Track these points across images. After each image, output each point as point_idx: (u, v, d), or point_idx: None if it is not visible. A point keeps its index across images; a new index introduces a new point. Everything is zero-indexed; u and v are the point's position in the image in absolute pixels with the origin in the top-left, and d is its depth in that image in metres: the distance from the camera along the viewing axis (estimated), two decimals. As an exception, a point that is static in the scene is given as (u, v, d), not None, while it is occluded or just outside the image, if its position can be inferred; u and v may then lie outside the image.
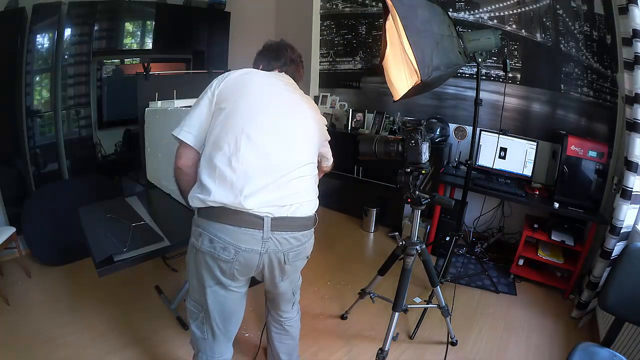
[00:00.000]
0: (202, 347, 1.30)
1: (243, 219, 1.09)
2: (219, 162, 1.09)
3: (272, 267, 1.20)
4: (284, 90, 1.26)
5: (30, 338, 1.89)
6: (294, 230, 1.18)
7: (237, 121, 1.12)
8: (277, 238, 1.14)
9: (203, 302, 1.22)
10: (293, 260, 1.22)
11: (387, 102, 3.42)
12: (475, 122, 2.15)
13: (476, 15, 2.87)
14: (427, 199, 1.58)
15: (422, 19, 1.54)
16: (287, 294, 1.41)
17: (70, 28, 2.71)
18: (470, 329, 2.08)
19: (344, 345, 1.94)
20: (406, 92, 1.59)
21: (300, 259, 1.26)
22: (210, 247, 1.11)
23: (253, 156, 1.11)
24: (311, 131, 1.27)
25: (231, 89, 1.18)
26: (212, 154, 1.11)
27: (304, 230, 1.22)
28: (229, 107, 1.14)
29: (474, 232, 3.07)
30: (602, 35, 2.40)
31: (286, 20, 4.01)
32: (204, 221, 1.13)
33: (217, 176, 1.09)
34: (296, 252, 1.21)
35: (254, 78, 1.24)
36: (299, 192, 1.17)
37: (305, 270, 1.40)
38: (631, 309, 1.30)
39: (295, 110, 1.24)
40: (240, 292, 1.25)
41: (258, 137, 1.12)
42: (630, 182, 1.87)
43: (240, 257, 1.12)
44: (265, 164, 1.12)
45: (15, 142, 2.61)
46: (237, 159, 1.09)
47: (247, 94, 1.18)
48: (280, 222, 1.13)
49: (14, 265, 2.49)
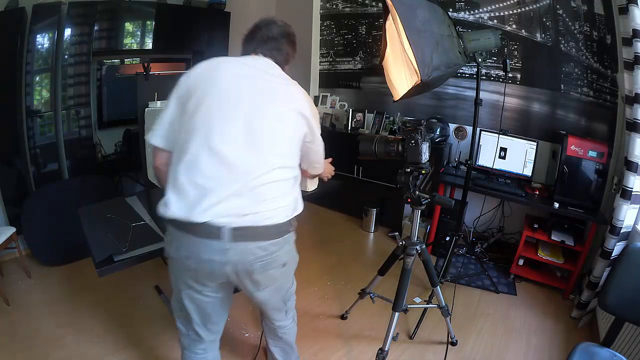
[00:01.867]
0: (186, 344, 1.31)
1: (202, 229, 1.02)
2: (180, 174, 1.04)
3: (239, 277, 1.12)
4: (257, 81, 1.11)
5: (30, 338, 1.89)
6: (259, 239, 1.07)
7: (200, 127, 1.04)
8: (240, 248, 1.05)
9: (182, 303, 1.21)
10: (262, 271, 1.11)
11: (387, 102, 3.42)
12: (475, 122, 2.15)
13: (476, 15, 2.87)
14: (427, 199, 1.57)
15: (422, 19, 1.55)
16: (272, 302, 1.30)
17: (70, 28, 2.71)
18: (470, 329, 2.08)
19: (344, 345, 1.95)
20: (406, 92, 1.59)
21: (272, 268, 1.14)
22: (176, 254, 1.10)
23: (214, 169, 1.03)
24: (286, 130, 1.12)
25: (196, 85, 1.08)
26: (177, 161, 1.06)
27: (274, 239, 1.10)
28: (193, 108, 1.06)
29: (474, 232, 3.07)
30: (602, 35, 2.40)
31: (286, 20, 3.99)
32: (170, 228, 1.10)
33: (178, 189, 1.04)
34: (264, 263, 1.10)
35: (221, 70, 1.11)
36: (267, 199, 1.07)
37: (306, 270, 1.40)
38: (631, 309, 1.30)
39: (267, 106, 1.09)
40: (215, 297, 1.20)
41: (221, 147, 1.03)
42: (630, 182, 1.87)
43: (203, 267, 1.08)
44: (228, 174, 1.03)
45: (15, 142, 2.61)
46: (197, 172, 1.02)
47: (211, 93, 1.07)
48: (242, 232, 1.04)
49: (14, 265, 2.49)
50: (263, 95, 1.09)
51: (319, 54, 3.90)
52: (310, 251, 2.92)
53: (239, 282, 1.15)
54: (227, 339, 1.89)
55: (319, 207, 3.67)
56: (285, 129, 1.12)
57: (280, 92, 1.13)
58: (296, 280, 1.37)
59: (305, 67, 3.93)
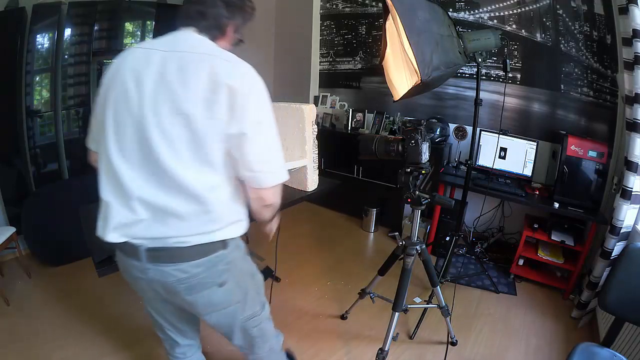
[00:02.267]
0: (167, 348, 1.31)
1: (126, 248, 0.94)
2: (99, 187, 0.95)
3: (171, 296, 1.01)
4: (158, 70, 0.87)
5: (30, 338, 1.89)
6: (176, 261, 0.93)
7: (102, 135, 0.93)
8: (158, 270, 0.94)
9: (147, 310, 1.20)
10: (189, 293, 0.98)
11: (387, 102, 3.42)
12: (475, 122, 2.14)
13: (476, 15, 2.87)
14: (427, 199, 1.57)
15: (422, 19, 1.55)
16: (226, 330, 1.15)
17: (70, 28, 2.71)
18: (470, 329, 2.08)
19: (343, 346, 1.94)
20: (406, 92, 1.59)
21: (204, 289, 0.99)
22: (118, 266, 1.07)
23: (112, 186, 0.92)
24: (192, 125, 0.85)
25: (104, 85, 0.95)
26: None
27: (196, 260, 0.94)
28: (100, 112, 0.94)
29: (474, 232, 3.07)
30: (602, 35, 2.40)
31: (286, 20, 4.02)
32: None
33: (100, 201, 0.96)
34: (187, 285, 0.96)
35: (122, 66, 0.92)
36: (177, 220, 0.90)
37: (306, 270, 1.40)
38: (631, 309, 1.30)
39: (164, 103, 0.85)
40: (170, 306, 1.13)
41: (116, 161, 0.90)
42: (630, 182, 1.87)
43: (136, 284, 1.03)
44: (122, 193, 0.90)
45: (15, 142, 2.61)
46: (103, 187, 0.94)
47: (110, 96, 0.92)
48: (156, 254, 0.92)
49: (14, 265, 2.49)
50: (162, 87, 0.86)
51: (319, 54, 3.90)
52: (310, 251, 2.92)
53: (175, 303, 1.06)
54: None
55: (319, 207, 3.68)
56: (190, 125, 0.85)
57: (189, 74, 0.85)
58: (296, 280, 1.35)
59: (305, 67, 3.93)
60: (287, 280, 2.43)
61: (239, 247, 1.07)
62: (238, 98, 0.86)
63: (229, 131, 0.87)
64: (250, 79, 0.90)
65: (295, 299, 2.28)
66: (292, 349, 1.72)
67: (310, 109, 1.58)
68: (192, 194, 0.88)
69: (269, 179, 0.94)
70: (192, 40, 0.92)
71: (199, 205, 0.90)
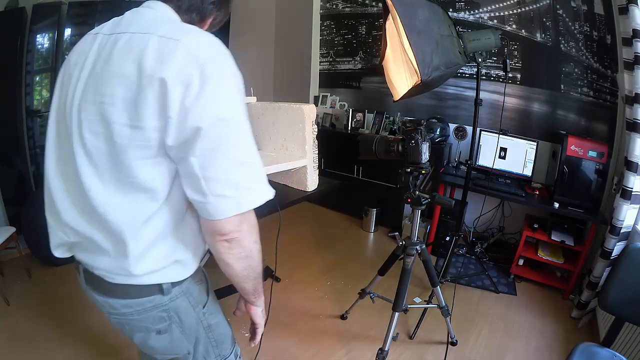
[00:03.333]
0: None
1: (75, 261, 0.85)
2: None
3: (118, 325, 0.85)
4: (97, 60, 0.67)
5: (30, 338, 1.89)
6: (106, 295, 0.77)
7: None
8: (92, 294, 0.81)
9: None
10: (122, 328, 0.82)
11: (387, 102, 3.42)
12: (475, 122, 2.15)
13: (476, 15, 2.87)
14: (427, 199, 1.58)
15: (422, 19, 1.55)
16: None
17: (70, 28, 2.71)
18: (470, 329, 2.08)
19: (344, 346, 1.94)
20: (406, 92, 1.59)
21: (137, 332, 0.81)
22: None
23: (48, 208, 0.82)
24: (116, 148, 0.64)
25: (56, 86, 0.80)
26: None
27: (125, 299, 0.76)
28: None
29: (474, 232, 3.07)
30: (602, 35, 2.40)
31: (286, 20, 4.02)
32: None
33: None
34: (118, 321, 0.80)
35: (71, 55, 0.76)
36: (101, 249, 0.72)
37: (306, 270, 1.39)
38: (631, 309, 1.30)
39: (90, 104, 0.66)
40: None
41: (48, 171, 0.77)
42: (630, 182, 1.87)
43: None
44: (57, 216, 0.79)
45: (15, 142, 2.61)
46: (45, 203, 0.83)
47: (54, 100, 0.78)
48: (89, 277, 0.79)
49: (14, 265, 2.49)
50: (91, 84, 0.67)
51: (319, 54, 3.90)
52: (310, 251, 2.92)
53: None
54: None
55: (319, 207, 3.68)
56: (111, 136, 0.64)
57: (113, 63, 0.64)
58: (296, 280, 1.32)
59: (305, 67, 3.93)
60: (287, 280, 2.43)
61: (189, 294, 0.82)
62: (176, 92, 0.60)
63: (167, 142, 0.63)
64: (204, 61, 0.62)
65: (295, 299, 2.28)
66: (292, 349, 1.72)
67: (310, 109, 1.58)
68: (110, 228, 0.68)
69: (227, 206, 0.66)
70: (148, 16, 0.69)
71: (118, 244, 0.69)
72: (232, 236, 0.69)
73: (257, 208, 0.71)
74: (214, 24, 0.84)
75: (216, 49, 0.65)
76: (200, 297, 0.86)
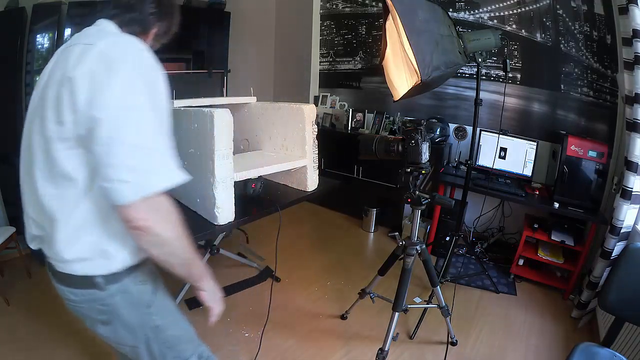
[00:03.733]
0: None
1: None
2: None
3: None
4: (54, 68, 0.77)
5: (30, 338, 1.89)
6: (58, 282, 0.86)
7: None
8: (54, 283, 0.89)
9: None
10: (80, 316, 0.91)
11: (387, 102, 3.42)
12: (475, 122, 2.15)
13: (476, 15, 2.87)
14: (427, 199, 1.58)
15: (422, 19, 1.55)
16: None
17: (70, 28, 2.70)
18: (470, 329, 2.08)
19: (343, 346, 1.94)
20: (406, 92, 1.59)
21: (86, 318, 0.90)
22: None
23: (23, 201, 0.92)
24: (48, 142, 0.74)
25: None
26: None
27: (73, 288, 0.83)
28: None
29: (474, 232, 3.07)
30: (602, 35, 2.40)
31: (286, 20, 4.02)
32: None
33: None
34: (73, 308, 0.88)
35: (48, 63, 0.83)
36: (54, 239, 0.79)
37: (306, 270, 1.39)
38: (631, 309, 1.30)
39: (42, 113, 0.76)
40: None
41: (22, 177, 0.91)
42: (630, 182, 1.87)
43: None
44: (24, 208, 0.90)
45: (15, 142, 2.60)
46: None
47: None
48: (50, 267, 0.87)
49: (14, 265, 2.49)
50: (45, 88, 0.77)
51: (319, 54, 3.90)
52: (310, 251, 2.92)
53: None
54: (227, 339, 1.90)
55: (319, 207, 3.68)
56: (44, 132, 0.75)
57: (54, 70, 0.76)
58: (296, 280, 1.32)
59: (305, 67, 3.93)
60: (287, 280, 2.43)
61: (127, 293, 0.84)
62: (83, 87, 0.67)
63: (80, 133, 0.70)
64: (113, 58, 0.69)
65: (295, 299, 2.28)
66: (292, 349, 1.72)
67: (310, 109, 1.58)
68: (49, 216, 0.77)
69: (127, 191, 0.67)
70: (90, 31, 0.80)
71: (53, 230, 0.77)
72: (139, 224, 0.70)
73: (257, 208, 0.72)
74: (159, 34, 0.91)
75: (128, 47, 0.72)
76: (141, 297, 0.88)
